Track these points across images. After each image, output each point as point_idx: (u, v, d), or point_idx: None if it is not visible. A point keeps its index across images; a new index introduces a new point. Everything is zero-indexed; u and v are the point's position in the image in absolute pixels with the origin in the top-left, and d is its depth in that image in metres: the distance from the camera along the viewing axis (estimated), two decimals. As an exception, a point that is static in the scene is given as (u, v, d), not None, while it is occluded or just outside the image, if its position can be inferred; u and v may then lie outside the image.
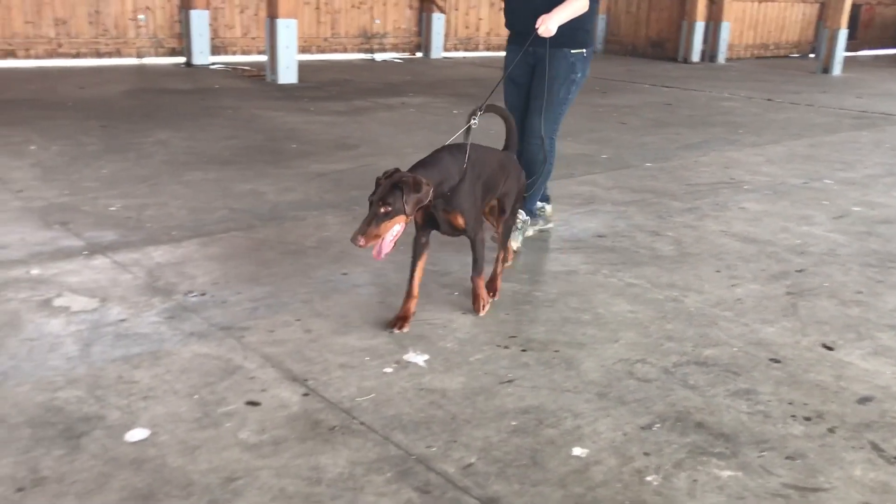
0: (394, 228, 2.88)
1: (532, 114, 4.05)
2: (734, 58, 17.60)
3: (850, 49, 17.01)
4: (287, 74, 10.29)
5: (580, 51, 4.03)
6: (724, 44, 16.82)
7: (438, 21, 14.88)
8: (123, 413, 2.46)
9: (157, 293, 3.38)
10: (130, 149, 6.08)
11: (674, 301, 3.58)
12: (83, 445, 2.29)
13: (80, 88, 9.04)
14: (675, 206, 5.15)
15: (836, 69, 15.37)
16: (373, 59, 14.10)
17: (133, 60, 11.80)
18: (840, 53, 15.37)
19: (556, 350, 3.04)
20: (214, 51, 12.26)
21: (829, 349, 3.16)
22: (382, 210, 2.82)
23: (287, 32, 10.18)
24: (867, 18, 20.44)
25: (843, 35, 15.39)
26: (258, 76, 10.79)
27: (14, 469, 2.17)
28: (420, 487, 2.17)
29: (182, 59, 12.02)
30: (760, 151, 7.19)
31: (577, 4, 3.84)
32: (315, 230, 4.29)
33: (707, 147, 7.28)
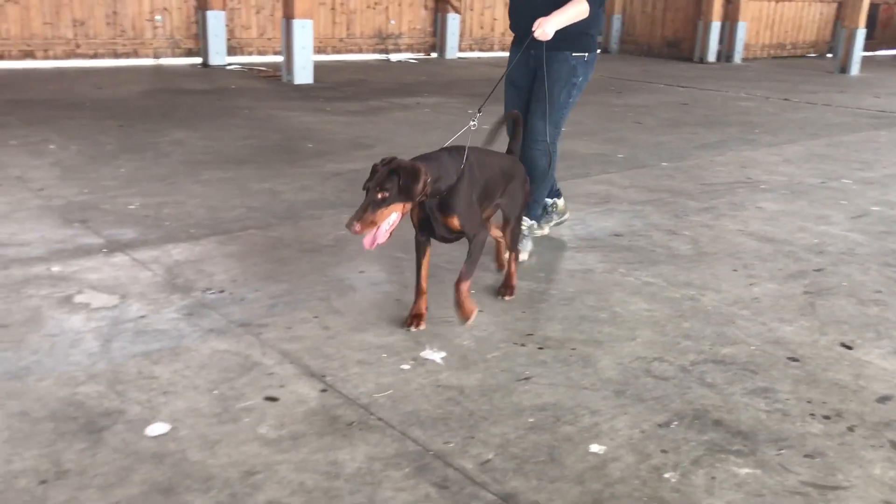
0: (390, 217, 2.81)
1: (534, 117, 3.96)
2: (750, 58, 17.51)
3: (868, 49, 16.91)
4: (303, 75, 10.34)
5: (582, 54, 3.94)
6: (741, 43, 16.75)
7: (453, 21, 14.89)
8: (144, 408, 2.49)
9: (176, 290, 3.41)
10: (148, 148, 6.12)
11: (691, 300, 3.57)
12: (104, 439, 2.31)
13: (98, 89, 9.11)
14: (692, 206, 5.14)
15: (854, 69, 15.27)
16: (388, 60, 14.13)
17: (150, 61, 11.89)
18: (858, 53, 15.27)
19: (573, 348, 3.04)
20: (230, 51, 12.33)
21: (848, 348, 3.15)
22: (379, 196, 2.76)
23: (303, 33, 10.23)
24: (885, 18, 20.30)
25: (861, 34, 15.29)
26: (274, 76, 10.84)
27: (37, 462, 2.19)
28: (438, 483, 2.18)
29: (198, 60, 12.09)
30: (777, 151, 7.15)
31: (577, 10, 3.73)
32: (331, 229, 4.31)
33: (723, 147, 7.26)
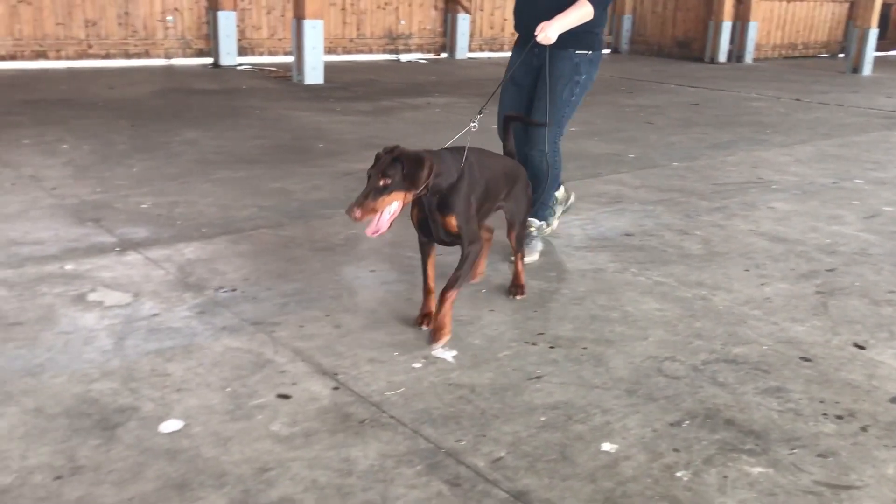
0: (392, 205, 2.76)
1: (536, 116, 3.91)
2: (761, 58, 17.45)
3: (881, 49, 16.82)
4: (313, 75, 10.36)
5: (585, 52, 3.89)
6: (752, 44, 16.68)
7: (463, 22, 14.90)
8: (157, 405, 2.50)
9: (189, 289, 3.43)
10: (160, 148, 6.15)
11: (702, 299, 3.56)
12: (118, 436, 2.33)
13: (110, 89, 9.16)
14: (703, 206, 5.13)
15: (867, 69, 15.19)
16: (398, 60, 14.15)
17: (161, 61, 11.94)
18: (870, 53, 15.20)
19: (585, 347, 3.04)
20: (241, 52, 12.36)
21: (861, 348, 3.14)
22: (381, 183, 2.72)
23: (313, 33, 10.25)
24: (898, 18, 20.18)
25: (874, 34, 15.21)
26: (284, 77, 10.87)
27: (52, 458, 2.21)
28: (450, 480, 2.19)
29: (209, 60, 12.13)
30: (789, 151, 7.13)
31: (580, 13, 3.69)
32: (343, 228, 4.32)
33: (735, 147, 7.23)
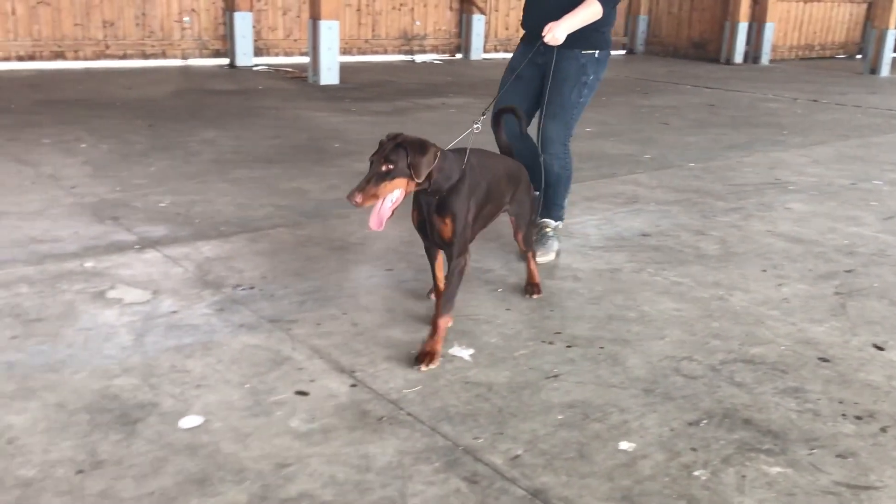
0: (394, 192, 2.68)
1: (545, 119, 3.86)
2: (778, 59, 17.36)
3: (899, 50, 16.68)
4: (329, 75, 10.39)
5: (592, 52, 3.81)
6: (768, 45, 16.59)
7: (478, 22, 14.90)
8: (177, 401, 2.52)
9: (207, 286, 3.45)
10: (177, 147, 6.19)
11: (719, 300, 3.55)
12: (139, 431, 2.35)
13: (128, 89, 9.22)
14: (720, 206, 5.11)
15: (885, 70, 15.09)
16: (413, 61, 14.17)
17: (178, 62, 12.01)
18: (888, 54, 15.10)
19: (602, 346, 3.04)
20: (257, 52, 12.42)
21: (880, 349, 3.12)
22: (384, 168, 2.64)
23: (329, 34, 10.28)
24: (916, 18, 20.01)
25: (892, 35, 15.12)
26: (300, 77, 10.92)
27: (74, 452, 2.23)
28: (468, 477, 2.19)
29: (226, 61, 12.20)
30: (806, 152, 7.09)
31: (589, 13, 3.64)
32: (359, 227, 4.33)
33: (751, 148, 7.20)
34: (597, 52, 3.84)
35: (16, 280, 3.43)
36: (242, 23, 12.00)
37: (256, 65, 12.16)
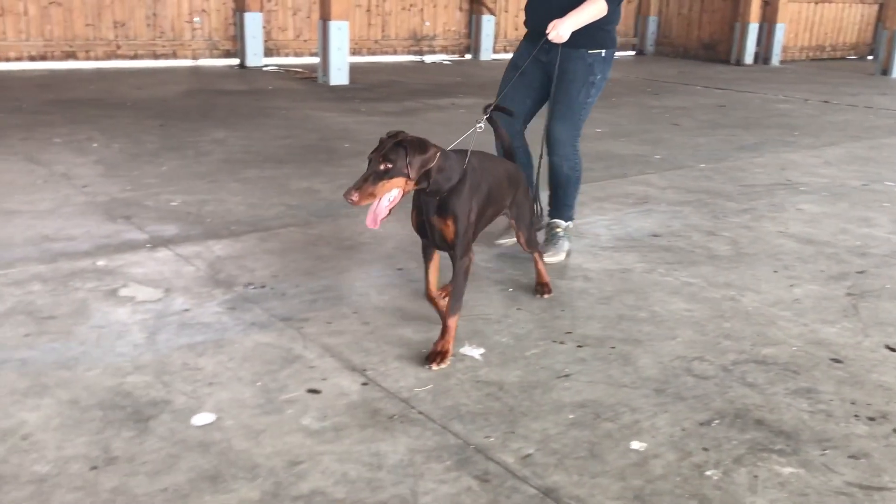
0: (391, 192, 2.65)
1: (553, 121, 3.83)
2: (789, 60, 17.29)
3: (910, 51, 16.58)
4: (339, 76, 10.41)
5: (598, 51, 3.76)
6: (779, 45, 16.52)
7: (488, 23, 14.90)
8: (189, 398, 2.53)
9: (219, 285, 3.46)
10: (188, 147, 6.21)
11: (731, 300, 3.54)
12: (151, 428, 2.36)
13: (139, 89, 9.26)
14: (731, 207, 5.10)
15: (896, 71, 15.02)
16: (422, 61, 14.18)
17: (188, 62, 12.05)
18: (900, 55, 15.02)
19: (613, 346, 3.04)
20: (267, 53, 12.46)
21: (893, 350, 3.10)
22: (382, 167, 2.61)
23: (339, 34, 10.30)
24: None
25: (903, 36, 15.04)
26: (310, 78, 10.94)
27: (88, 448, 2.24)
28: (479, 476, 2.19)
29: (236, 61, 12.24)
30: (818, 153, 7.06)
31: (593, 10, 3.59)
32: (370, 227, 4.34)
33: (762, 148, 7.18)
34: (604, 52, 3.80)
35: (29, 278, 3.45)
36: (253, 23, 12.04)
37: (266, 65, 12.19)
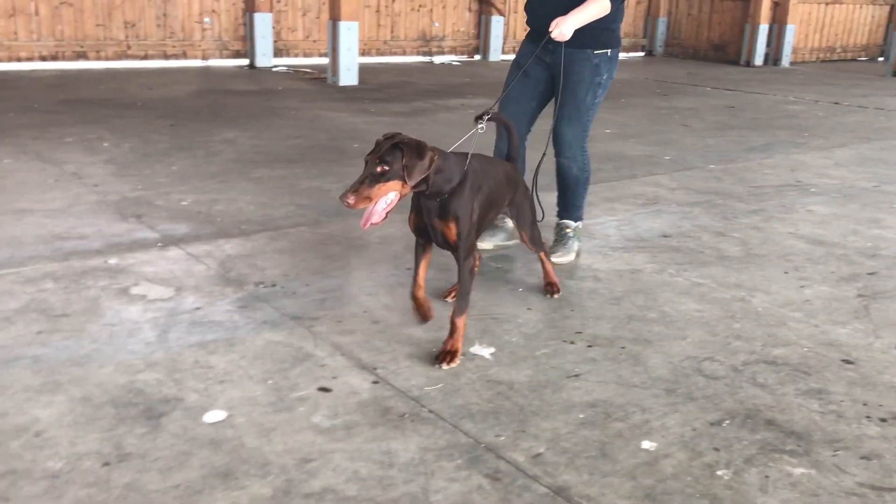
0: (388, 195, 2.62)
1: (560, 123, 3.80)
2: (799, 61, 17.24)
3: (921, 52, 16.51)
4: (348, 76, 10.44)
5: (604, 51, 3.73)
6: (789, 47, 16.48)
7: (497, 24, 14.91)
8: (201, 395, 2.54)
9: (230, 283, 3.48)
10: (199, 147, 6.24)
11: (741, 301, 3.54)
12: (164, 425, 2.37)
13: (149, 89, 9.30)
14: (741, 208, 5.09)
15: (907, 73, 14.95)
16: (431, 62, 14.19)
17: (198, 62, 12.09)
18: (910, 56, 14.96)
19: (623, 346, 3.04)
20: (277, 53, 12.49)
21: (904, 351, 3.10)
22: (378, 169, 2.57)
23: (349, 35, 10.32)
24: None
25: (914, 38, 14.97)
26: (319, 78, 10.96)
27: (100, 445, 2.26)
28: (490, 474, 2.20)
29: (245, 62, 12.28)
30: (828, 154, 7.04)
31: (596, 8, 3.55)
32: (380, 227, 4.34)
33: (772, 150, 7.16)
34: (609, 51, 3.77)
35: (41, 276, 3.47)
36: (262, 24, 12.08)
37: (276, 65, 12.23)
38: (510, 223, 3.96)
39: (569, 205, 4.04)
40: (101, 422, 2.37)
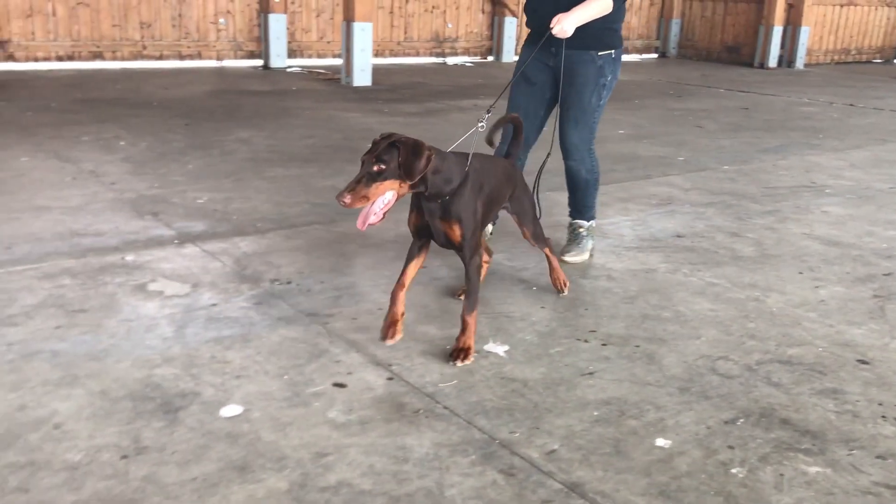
0: (385, 195, 2.60)
1: (566, 126, 3.79)
2: (813, 63, 17.16)
3: (937, 54, 16.42)
4: (362, 77, 10.47)
5: (608, 52, 3.69)
6: (803, 49, 16.40)
7: (510, 25, 14.91)
8: (217, 390, 2.56)
9: (246, 280, 3.50)
10: (214, 146, 6.27)
11: (755, 301, 3.53)
12: (181, 419, 2.39)
13: (164, 89, 9.36)
14: (755, 209, 5.08)
15: (922, 75, 14.86)
16: (444, 63, 14.21)
17: (213, 63, 12.16)
18: (926, 58, 14.86)
19: (637, 345, 3.04)
20: (291, 54, 12.55)
21: (920, 352, 3.08)
22: (375, 168, 2.55)
23: (362, 36, 10.36)
24: (955, 23, 19.69)
25: (930, 40, 14.88)
26: (333, 79, 11.00)
27: (118, 438, 2.28)
28: (504, 470, 2.21)
29: (260, 62, 12.34)
30: (843, 156, 7.01)
31: (599, 6, 3.51)
32: (393, 225, 4.35)
33: (786, 151, 7.14)
34: (613, 52, 3.74)
35: (59, 272, 3.50)
36: (276, 25, 12.13)
37: (290, 66, 12.28)
38: (489, 229, 3.97)
39: (580, 206, 4.04)
40: (119, 415, 2.40)
